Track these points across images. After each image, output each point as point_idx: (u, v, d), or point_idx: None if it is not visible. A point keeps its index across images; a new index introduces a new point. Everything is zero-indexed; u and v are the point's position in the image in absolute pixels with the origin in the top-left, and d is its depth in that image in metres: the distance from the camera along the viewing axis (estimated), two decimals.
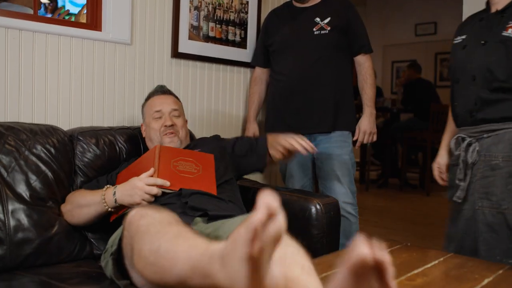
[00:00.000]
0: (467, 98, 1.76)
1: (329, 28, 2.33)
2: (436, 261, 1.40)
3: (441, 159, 2.02)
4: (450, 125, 2.00)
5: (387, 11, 7.57)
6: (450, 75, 1.91)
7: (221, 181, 1.79)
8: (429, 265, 1.36)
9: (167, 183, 1.63)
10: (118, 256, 1.36)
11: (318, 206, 1.83)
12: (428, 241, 3.57)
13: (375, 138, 2.43)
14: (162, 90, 2.02)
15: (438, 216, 4.45)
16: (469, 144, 1.77)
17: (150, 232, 1.12)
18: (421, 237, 3.70)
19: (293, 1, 2.47)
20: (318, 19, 2.36)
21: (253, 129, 2.61)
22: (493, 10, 1.77)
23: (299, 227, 1.83)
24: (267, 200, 0.71)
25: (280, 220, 0.72)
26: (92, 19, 2.19)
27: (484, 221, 1.71)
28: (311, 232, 1.82)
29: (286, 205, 1.87)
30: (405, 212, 4.66)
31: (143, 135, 2.00)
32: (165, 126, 1.88)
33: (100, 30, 2.19)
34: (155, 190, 1.60)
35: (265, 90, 2.65)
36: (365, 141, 2.40)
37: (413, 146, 5.89)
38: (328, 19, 2.34)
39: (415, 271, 1.29)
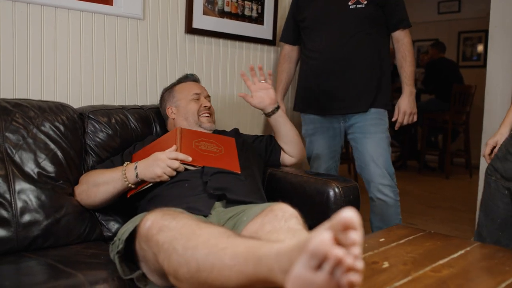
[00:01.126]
0: None
1: (365, 2, 2.18)
2: (463, 251, 1.31)
3: (502, 138, 1.89)
4: None
5: None
6: None
7: (243, 164, 1.78)
8: (455, 255, 1.27)
9: (189, 158, 1.63)
10: (125, 254, 1.31)
11: (336, 190, 1.75)
12: (447, 225, 3.48)
13: (415, 119, 2.31)
14: (194, 79, 2.08)
15: (457, 199, 4.34)
16: None
17: (177, 250, 1.05)
18: (440, 221, 3.60)
19: None
20: None
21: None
22: None
23: (317, 211, 1.76)
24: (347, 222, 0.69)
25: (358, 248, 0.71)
26: None
27: None
28: (329, 217, 1.73)
29: (302, 187, 1.85)
30: (424, 196, 4.55)
31: (171, 117, 1.96)
32: (205, 106, 1.94)
33: (112, 4, 2.10)
34: (177, 164, 1.60)
35: (294, 69, 2.51)
36: (405, 122, 2.28)
37: (434, 127, 5.75)
38: None
39: (440, 262, 1.21)
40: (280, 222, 1.20)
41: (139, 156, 1.72)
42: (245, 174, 1.73)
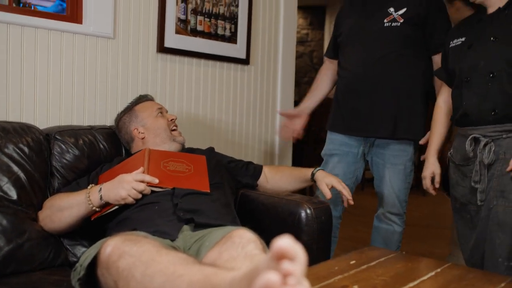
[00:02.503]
0: (486, 96, 1.70)
1: (402, 20, 2.06)
2: (433, 273, 1.30)
3: (436, 169, 1.94)
4: (438, 129, 1.96)
5: None
6: (454, 77, 1.84)
7: (215, 182, 1.76)
8: (425, 277, 1.26)
9: (156, 180, 1.60)
10: (87, 281, 1.27)
11: (308, 211, 1.73)
12: (424, 242, 3.49)
13: None
14: (149, 98, 2.04)
15: (434, 217, 4.36)
16: (485, 145, 1.71)
17: (136, 277, 1.04)
18: (417, 239, 3.61)
19: None
20: (392, 9, 2.10)
21: (295, 111, 2.43)
22: (491, 10, 1.77)
23: (289, 233, 1.73)
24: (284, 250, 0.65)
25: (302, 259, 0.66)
26: (72, 11, 2.07)
27: (496, 220, 1.66)
28: (301, 238, 1.72)
29: (275, 208, 1.82)
30: None
31: (139, 137, 1.91)
32: (172, 120, 1.95)
33: (81, 23, 2.07)
34: (142, 186, 1.56)
35: (329, 82, 2.42)
36: None
37: None
38: (404, 9, 2.07)
39: (411, 284, 1.19)
40: (237, 249, 1.20)
41: (105, 178, 1.68)
42: (216, 194, 1.71)
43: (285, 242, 0.64)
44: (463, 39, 1.82)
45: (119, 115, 1.98)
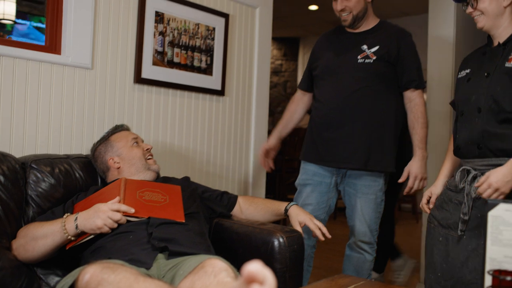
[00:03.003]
0: (473, 131, 1.75)
1: (374, 58, 2.18)
2: None
3: (437, 190, 1.97)
4: (450, 156, 1.98)
5: None
6: (455, 108, 1.91)
7: (190, 212, 1.79)
8: None
9: (132, 210, 1.62)
10: None
11: (281, 239, 1.77)
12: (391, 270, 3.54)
13: (425, 184, 2.25)
14: (125, 128, 2.07)
15: (405, 244, 4.43)
16: (474, 178, 1.75)
17: None
18: (388, 267, 3.66)
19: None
20: (365, 47, 2.21)
21: (268, 143, 2.50)
22: (495, 43, 1.80)
23: (263, 261, 1.76)
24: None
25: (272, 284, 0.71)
26: (51, 41, 2.11)
27: (470, 248, 1.69)
28: (273, 266, 1.75)
29: (248, 237, 1.86)
30: None
31: (115, 166, 1.93)
32: (147, 149, 1.98)
33: (60, 54, 2.11)
34: (118, 216, 1.58)
35: (300, 112, 2.51)
36: (415, 187, 2.22)
37: None
38: (376, 47, 2.19)
39: None
40: (209, 277, 1.24)
41: (81, 206, 1.70)
42: (191, 223, 1.74)
43: (255, 267, 0.69)
44: (468, 71, 1.86)
45: (95, 145, 2.00)
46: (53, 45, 2.11)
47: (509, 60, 1.71)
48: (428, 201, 1.99)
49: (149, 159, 1.98)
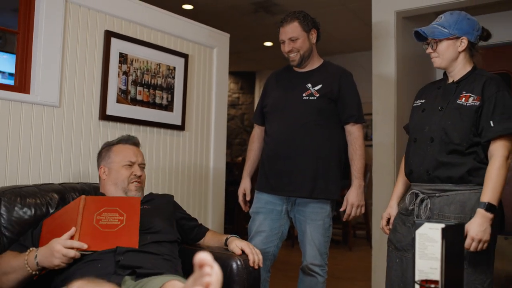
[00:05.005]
0: (424, 158, 1.95)
1: (317, 95, 2.38)
2: None
3: (393, 211, 2.14)
4: (402, 176, 2.16)
5: None
6: (409, 133, 2.11)
7: (163, 239, 1.88)
8: None
9: (84, 246, 1.70)
10: None
11: (239, 262, 1.93)
12: None
13: (363, 211, 2.43)
14: (134, 142, 2.16)
15: (358, 270, 4.64)
16: (422, 200, 1.93)
17: None
18: None
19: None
20: (309, 85, 2.41)
21: (244, 185, 2.64)
22: (450, 80, 2.02)
23: (222, 283, 1.91)
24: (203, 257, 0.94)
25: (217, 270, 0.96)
26: (21, 81, 2.24)
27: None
28: None
29: None
30: (328, 267, 4.81)
31: (102, 177, 2.04)
32: (135, 175, 2.03)
33: (29, 93, 2.24)
34: (72, 253, 1.67)
35: (259, 145, 2.67)
36: (352, 214, 2.41)
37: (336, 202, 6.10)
38: (319, 86, 2.39)
39: None
40: None
41: (48, 224, 1.80)
42: (161, 248, 1.83)
43: (204, 255, 0.94)
44: (423, 101, 2.08)
45: (102, 146, 2.12)
46: (22, 85, 2.23)
47: (460, 98, 1.93)
48: (388, 222, 2.15)
49: (133, 183, 2.02)
